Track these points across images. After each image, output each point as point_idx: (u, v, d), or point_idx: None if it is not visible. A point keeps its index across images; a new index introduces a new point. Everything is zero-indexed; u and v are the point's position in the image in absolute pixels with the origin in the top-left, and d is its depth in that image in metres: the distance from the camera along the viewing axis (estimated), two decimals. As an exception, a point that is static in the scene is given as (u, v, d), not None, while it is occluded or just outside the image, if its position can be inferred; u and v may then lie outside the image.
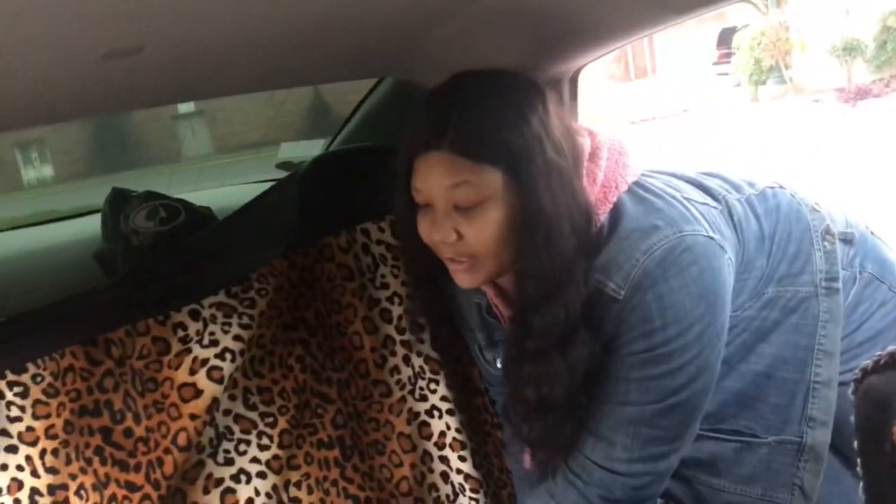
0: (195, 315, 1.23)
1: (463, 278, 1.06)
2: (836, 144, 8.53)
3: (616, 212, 1.06)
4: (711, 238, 1.05)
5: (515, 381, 1.08)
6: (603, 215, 1.05)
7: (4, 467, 1.11)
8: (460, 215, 1.01)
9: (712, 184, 1.18)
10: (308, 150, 1.95)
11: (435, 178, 1.00)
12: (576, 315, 1.02)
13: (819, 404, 1.16)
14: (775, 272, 1.16)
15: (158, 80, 1.16)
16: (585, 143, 1.08)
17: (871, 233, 1.27)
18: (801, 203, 1.22)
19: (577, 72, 1.43)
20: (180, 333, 1.22)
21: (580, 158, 1.05)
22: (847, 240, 1.22)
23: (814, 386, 1.16)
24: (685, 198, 1.10)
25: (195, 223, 1.46)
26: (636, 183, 1.09)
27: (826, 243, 1.19)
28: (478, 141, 0.98)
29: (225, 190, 2.04)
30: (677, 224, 1.04)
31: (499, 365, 1.24)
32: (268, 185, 1.96)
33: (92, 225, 1.55)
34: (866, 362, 0.81)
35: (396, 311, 1.36)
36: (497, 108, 1.00)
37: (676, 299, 1.02)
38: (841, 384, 1.16)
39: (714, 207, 1.13)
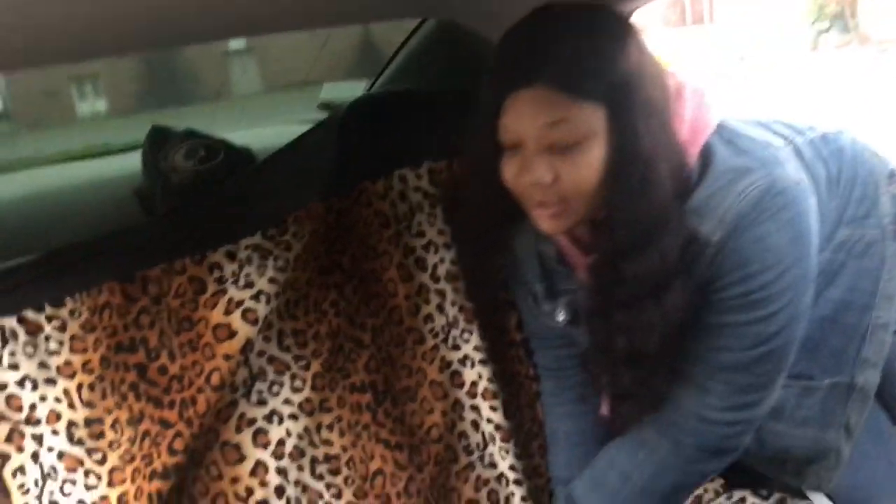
0: (231, 256, 1.23)
1: (549, 224, 1.01)
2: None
3: (705, 154, 1.02)
4: (799, 182, 1.02)
5: (601, 331, 1.05)
6: (693, 157, 1.02)
7: (43, 398, 1.13)
8: (556, 156, 0.96)
9: (777, 128, 1.14)
10: (350, 91, 1.91)
11: (530, 117, 0.95)
12: (671, 261, 0.98)
13: (874, 347, 1.14)
14: (844, 215, 1.14)
15: (205, 15, 1.14)
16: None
17: None
18: (863, 148, 1.18)
19: (629, 14, 1.37)
20: (216, 274, 1.22)
21: (671, 98, 1.01)
22: None
23: (872, 329, 1.14)
24: (765, 141, 1.06)
25: (234, 163, 1.44)
26: (719, 125, 1.05)
27: (892, 187, 1.16)
28: (577, 74, 0.93)
29: (266, 130, 2.02)
30: (768, 166, 1.01)
31: (560, 317, 1.20)
32: (308, 124, 1.96)
33: (136, 161, 1.55)
34: None
35: (431, 259, 1.35)
36: (594, 40, 0.95)
37: (773, 243, 0.99)
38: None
39: (787, 150, 1.09)
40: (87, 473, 1.14)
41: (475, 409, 1.34)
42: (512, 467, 1.33)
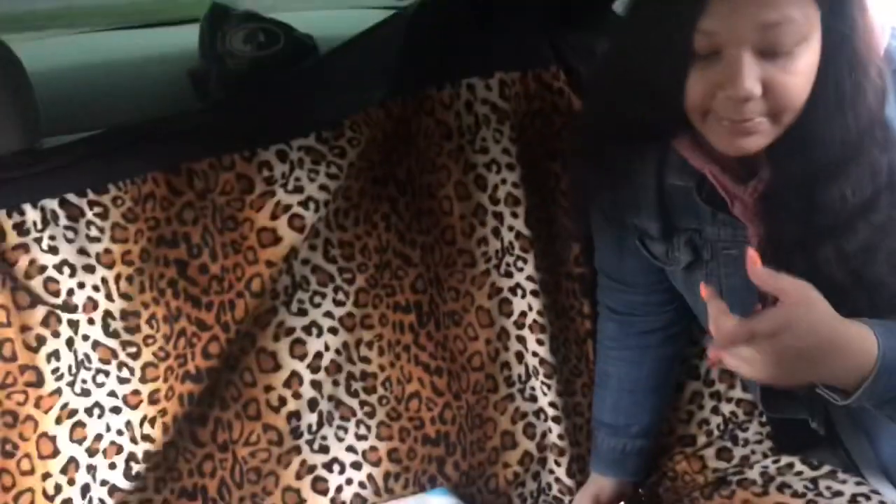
0: (282, 156, 1.16)
1: (746, 142, 0.86)
2: None
3: (889, 55, 0.91)
4: None
5: (798, 266, 0.90)
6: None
7: (81, 285, 1.11)
8: (768, 62, 0.82)
9: None
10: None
11: (746, 17, 0.80)
12: (880, 175, 0.87)
13: None
14: None
15: None
16: None
17: None
18: None
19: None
20: (265, 173, 1.16)
21: None
22: None
23: None
24: None
25: (294, 52, 1.35)
26: None
27: None
28: None
29: (331, 13, 1.91)
30: None
31: (680, 258, 1.09)
32: (376, 12, 1.84)
33: (193, 36, 1.47)
34: None
35: (493, 179, 1.26)
36: None
37: None
38: None
39: None
40: (120, 366, 1.12)
41: (521, 340, 1.28)
42: (552, 403, 1.28)
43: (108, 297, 1.11)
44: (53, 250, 1.09)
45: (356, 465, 1.22)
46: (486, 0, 1.33)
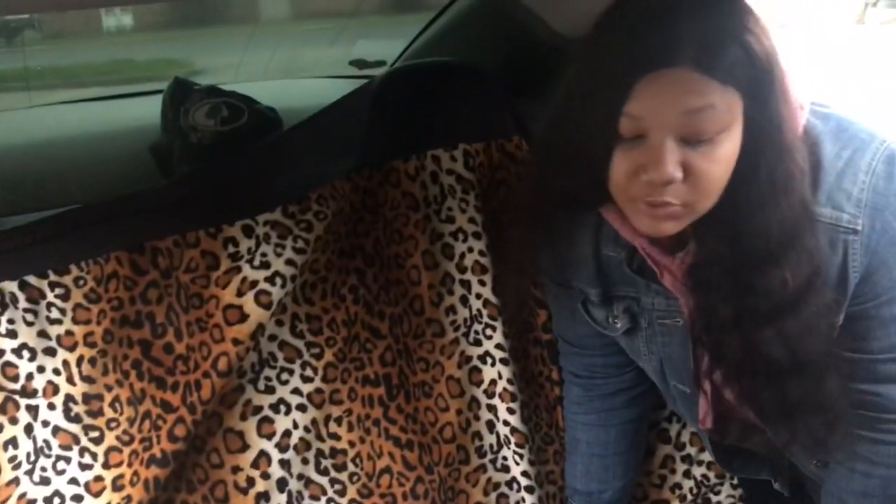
0: (248, 231, 1.15)
1: (663, 226, 0.87)
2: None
3: (809, 136, 0.91)
4: None
5: (732, 343, 0.93)
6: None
7: (41, 369, 1.08)
8: (689, 149, 0.83)
9: None
10: (385, 50, 1.81)
11: (670, 104, 0.81)
12: (816, 258, 0.88)
13: None
14: None
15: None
16: None
17: None
18: None
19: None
20: (231, 249, 1.15)
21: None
22: None
23: None
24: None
25: (258, 126, 1.36)
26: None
27: None
28: (724, 55, 0.81)
29: (293, 83, 1.93)
30: (875, 133, 0.92)
31: (618, 325, 1.10)
32: (338, 82, 1.86)
33: (155, 108, 1.47)
34: None
35: (459, 247, 1.26)
36: (729, 17, 0.83)
37: None
38: None
39: None
40: (82, 452, 1.08)
41: (492, 408, 1.27)
42: (525, 473, 1.27)
43: (70, 380, 1.08)
44: (12, 334, 1.06)
45: (328, 545, 1.19)
46: (450, 72, 1.35)
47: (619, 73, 0.83)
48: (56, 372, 1.08)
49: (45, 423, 1.07)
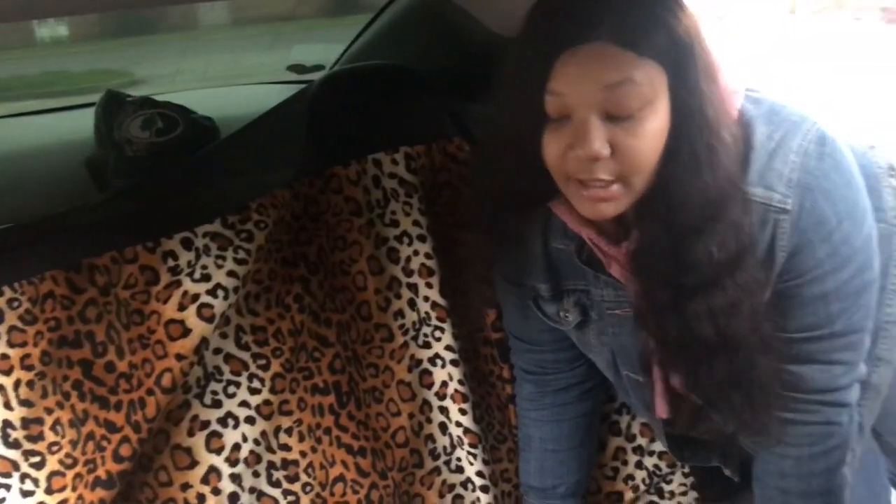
0: (187, 244, 1.13)
1: (602, 208, 0.88)
2: (876, 69, 8.19)
3: (742, 118, 0.94)
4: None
5: (672, 324, 0.94)
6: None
7: (-24, 395, 1.04)
8: (614, 125, 0.84)
9: None
10: (323, 54, 1.80)
11: (590, 78, 0.83)
12: (743, 234, 0.90)
13: (886, 344, 1.09)
14: None
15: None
16: None
17: None
18: (856, 143, 1.10)
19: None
20: (170, 263, 1.13)
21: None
22: None
23: (884, 326, 1.08)
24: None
25: (194, 136, 1.34)
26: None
27: (893, 179, 1.10)
28: (642, 29, 0.83)
29: (230, 91, 1.91)
30: (806, 116, 0.94)
31: (569, 318, 1.12)
32: (276, 88, 1.85)
33: (88, 122, 1.44)
34: None
35: (405, 251, 1.26)
36: None
37: (842, 193, 0.93)
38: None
39: None
40: (23, 478, 1.05)
41: (444, 410, 1.27)
42: (479, 473, 1.27)
43: (7, 405, 1.05)
44: None
45: (283, 558, 1.18)
46: (388, 76, 1.35)
47: (539, 51, 0.85)
48: None
49: (-16, 451, 1.04)
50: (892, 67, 8.12)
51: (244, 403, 1.16)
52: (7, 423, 1.05)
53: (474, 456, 1.27)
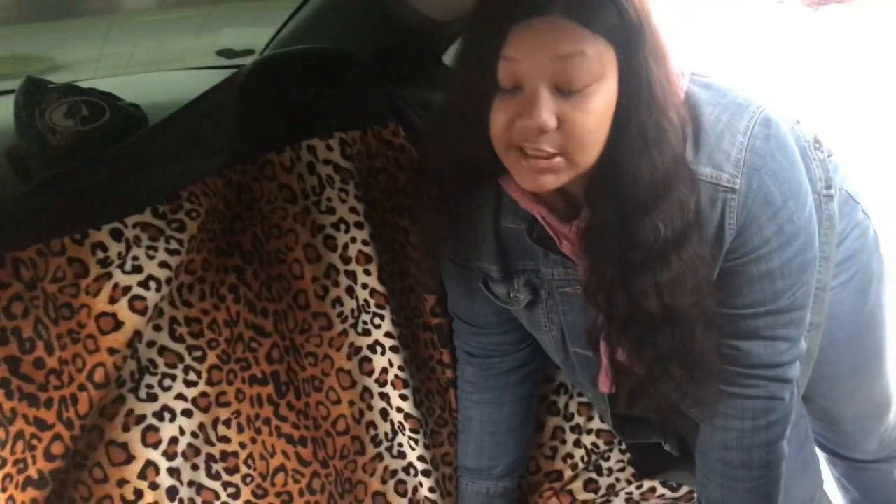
0: (117, 235, 1.10)
1: (543, 179, 0.90)
2: (798, 52, 8.43)
3: (690, 101, 0.96)
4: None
5: (620, 299, 0.97)
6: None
7: None
8: (563, 99, 0.86)
9: None
10: (253, 38, 1.77)
11: (543, 48, 0.85)
12: (689, 211, 0.92)
13: (816, 308, 1.12)
14: None
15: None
16: None
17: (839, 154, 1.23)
18: (787, 116, 1.14)
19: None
20: (100, 255, 1.10)
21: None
22: (829, 154, 1.17)
23: (815, 291, 1.11)
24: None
25: (122, 124, 1.30)
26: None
27: (819, 152, 1.14)
28: (595, 6, 0.85)
29: (158, 76, 1.86)
30: (752, 99, 0.98)
31: (519, 298, 1.13)
32: (206, 73, 1.80)
33: (7, 111, 1.38)
34: None
35: (342, 238, 1.25)
36: None
37: (787, 173, 0.97)
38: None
39: None
40: (-51, 482, 1.02)
41: (384, 397, 1.27)
42: (421, 457, 1.27)
43: None
44: None
45: (225, 551, 1.16)
46: (320, 60, 1.33)
47: (495, 20, 0.88)
48: None
49: None
50: (814, 49, 8.38)
51: (180, 396, 1.14)
52: (-71, 426, 1.01)
53: (416, 441, 1.27)
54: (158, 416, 1.13)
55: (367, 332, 1.26)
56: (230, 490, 1.17)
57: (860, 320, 1.28)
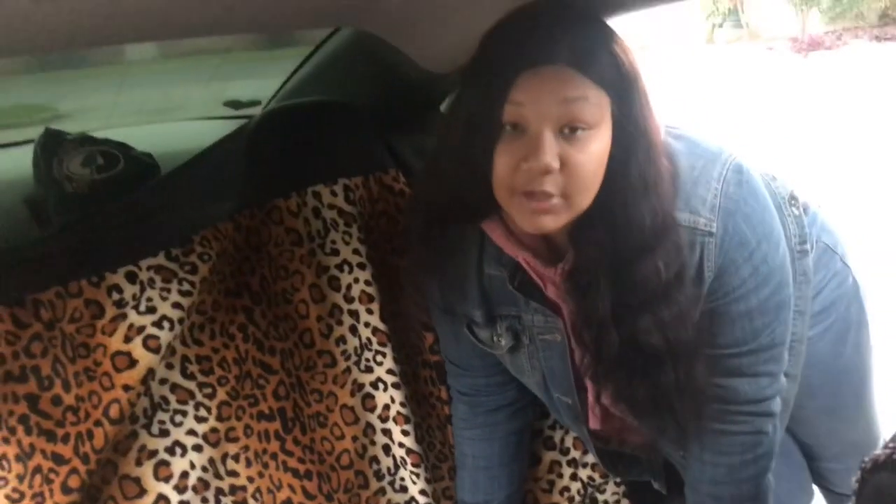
0: (132, 278, 1.16)
1: (543, 220, 0.94)
2: (786, 97, 8.59)
3: (666, 150, 1.02)
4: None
5: (611, 339, 1.01)
6: None
7: (-79, 433, 1.04)
8: (565, 141, 0.92)
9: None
10: (258, 90, 1.84)
11: (549, 92, 0.91)
12: (683, 252, 0.98)
13: (793, 360, 1.17)
14: None
15: (99, 21, 1.06)
16: None
17: (818, 206, 1.29)
18: (763, 172, 1.20)
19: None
20: (115, 297, 1.15)
21: None
22: (805, 209, 1.23)
23: (791, 344, 1.16)
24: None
25: (135, 172, 1.36)
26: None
27: (794, 209, 1.20)
28: (593, 57, 0.92)
29: (168, 127, 1.93)
30: (723, 148, 1.04)
31: (503, 342, 1.17)
32: (214, 123, 1.87)
33: (26, 160, 1.44)
34: (877, 454, 0.76)
35: (345, 279, 1.31)
36: (602, 29, 0.95)
37: (759, 217, 1.03)
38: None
39: None
40: (-30, 515, 1.06)
41: (387, 433, 1.32)
42: (423, 491, 1.32)
43: None
44: None
45: (233, 583, 1.20)
46: (325, 111, 1.40)
47: (504, 67, 0.93)
48: None
49: (-72, 489, 1.04)
50: (802, 93, 8.54)
51: (191, 432, 1.19)
52: (-48, 461, 1.05)
53: (417, 475, 1.31)
54: (170, 450, 1.17)
55: (369, 370, 1.31)
56: (239, 523, 1.21)
57: (837, 367, 1.32)
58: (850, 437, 1.42)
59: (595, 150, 0.93)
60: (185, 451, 1.18)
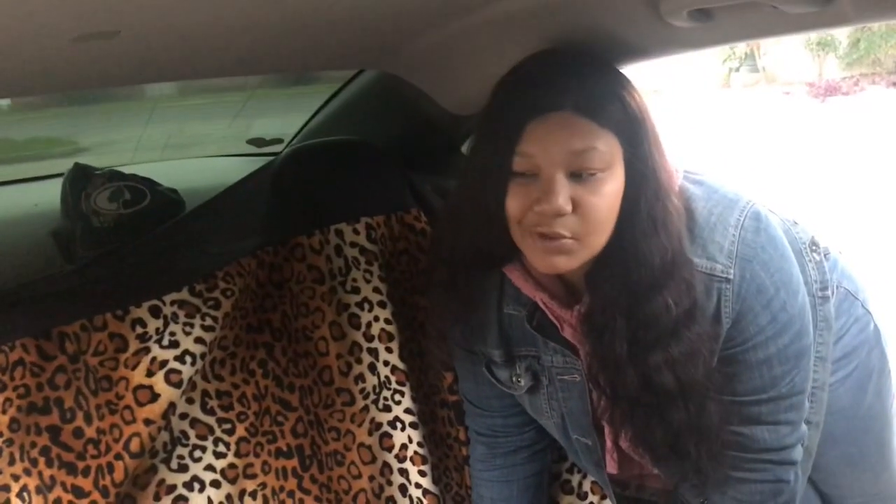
0: (156, 312, 1.17)
1: (557, 260, 0.95)
2: (803, 141, 8.61)
3: (683, 194, 1.03)
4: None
5: (628, 379, 1.01)
6: None
7: (-57, 464, 1.05)
8: (577, 184, 0.93)
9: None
10: (282, 127, 1.87)
11: (558, 142, 0.93)
12: (694, 290, 0.98)
13: (815, 407, 1.17)
14: None
15: (131, 62, 1.10)
16: None
17: (839, 251, 1.29)
18: (782, 218, 1.21)
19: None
20: (139, 330, 1.16)
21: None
22: (825, 254, 1.22)
23: (812, 391, 1.15)
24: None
25: (161, 208, 1.38)
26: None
27: (815, 254, 1.19)
28: (601, 103, 0.93)
29: (195, 163, 1.95)
30: (741, 194, 1.04)
31: (522, 383, 1.17)
32: (238, 160, 1.90)
33: (53, 193, 1.47)
34: None
35: (366, 317, 1.31)
36: (611, 75, 0.97)
37: (777, 264, 1.02)
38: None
39: None
40: (-11, 546, 1.06)
41: (404, 472, 1.31)
42: (439, 533, 1.31)
43: None
44: None
45: None
46: (349, 150, 1.42)
47: (511, 117, 0.95)
48: None
49: (-52, 519, 1.05)
50: (819, 138, 8.55)
51: (210, 467, 1.19)
52: (-26, 491, 1.06)
53: (434, 516, 1.30)
54: (188, 486, 1.17)
55: (387, 409, 1.31)
56: (254, 560, 1.20)
57: (858, 414, 1.30)
58: (872, 488, 1.39)
59: (608, 191, 0.94)
60: (203, 486, 1.18)
